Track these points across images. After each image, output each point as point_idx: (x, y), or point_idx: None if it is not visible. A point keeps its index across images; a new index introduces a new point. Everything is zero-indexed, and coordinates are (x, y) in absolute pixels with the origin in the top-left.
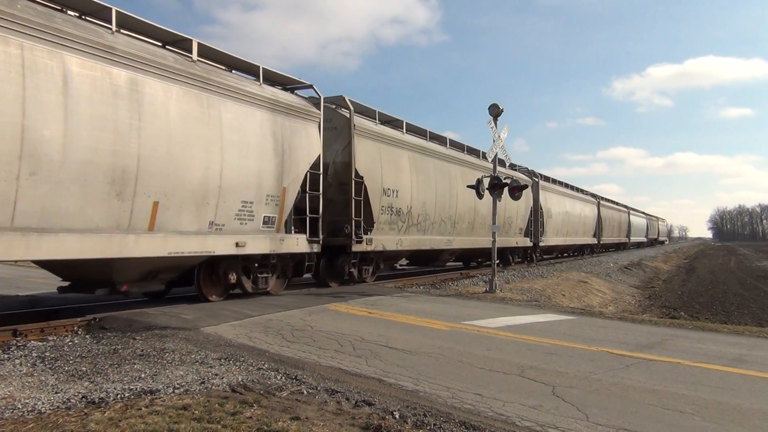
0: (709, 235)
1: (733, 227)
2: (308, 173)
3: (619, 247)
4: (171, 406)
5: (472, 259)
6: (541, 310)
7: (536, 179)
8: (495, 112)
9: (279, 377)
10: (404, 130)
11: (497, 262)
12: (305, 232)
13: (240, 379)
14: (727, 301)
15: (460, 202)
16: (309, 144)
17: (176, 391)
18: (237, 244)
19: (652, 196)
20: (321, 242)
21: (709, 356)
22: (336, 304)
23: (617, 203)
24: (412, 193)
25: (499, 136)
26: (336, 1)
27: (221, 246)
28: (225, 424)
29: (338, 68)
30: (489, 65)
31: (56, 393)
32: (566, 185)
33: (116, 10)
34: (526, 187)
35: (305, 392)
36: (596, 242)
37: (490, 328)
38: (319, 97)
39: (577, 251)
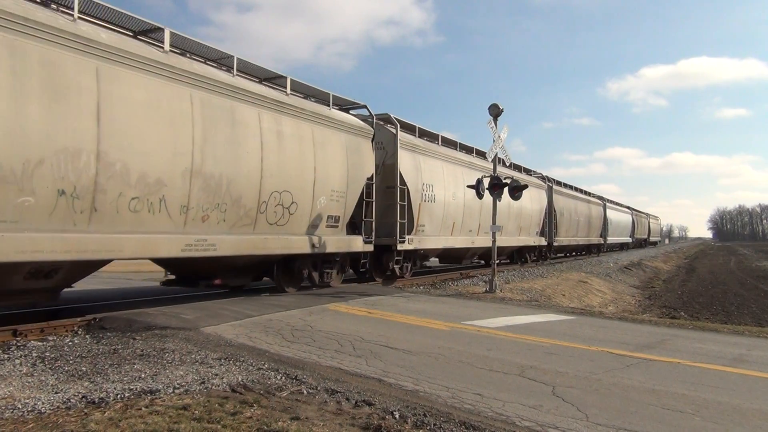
0: (709, 235)
1: (733, 227)
2: None
3: (590, 249)
4: (171, 406)
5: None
6: (541, 310)
7: (391, 129)
8: (495, 112)
9: (279, 377)
10: None
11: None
12: None
13: (240, 379)
14: (727, 301)
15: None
16: None
17: (176, 391)
18: None
19: (651, 197)
20: None
21: (709, 356)
22: (336, 304)
23: (585, 192)
24: None
25: (499, 136)
26: (331, 2)
27: None
28: (225, 424)
29: (334, 68)
30: (484, 66)
31: (56, 393)
32: (471, 151)
33: None
34: (525, 186)
35: (305, 392)
36: (545, 244)
37: (490, 328)
38: None
39: (513, 257)
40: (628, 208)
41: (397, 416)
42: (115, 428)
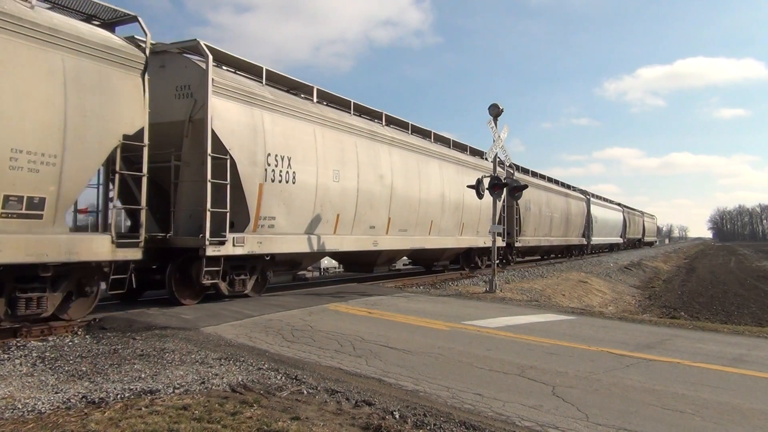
0: (709, 235)
1: (733, 227)
2: None
3: (570, 251)
4: (171, 406)
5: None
6: (541, 310)
7: (200, 64)
8: (495, 112)
9: (279, 377)
10: None
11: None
12: None
13: (240, 379)
14: (727, 301)
15: None
16: None
17: (176, 391)
18: None
19: (650, 197)
20: None
21: (709, 356)
22: (336, 304)
23: (563, 184)
24: None
25: (499, 136)
26: (329, 3)
27: None
28: (225, 424)
29: (332, 69)
30: (482, 66)
31: (56, 393)
32: (379, 116)
33: None
34: (526, 186)
35: (305, 392)
36: (504, 244)
37: (490, 328)
38: None
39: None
40: (619, 204)
41: (397, 416)
42: (115, 428)
